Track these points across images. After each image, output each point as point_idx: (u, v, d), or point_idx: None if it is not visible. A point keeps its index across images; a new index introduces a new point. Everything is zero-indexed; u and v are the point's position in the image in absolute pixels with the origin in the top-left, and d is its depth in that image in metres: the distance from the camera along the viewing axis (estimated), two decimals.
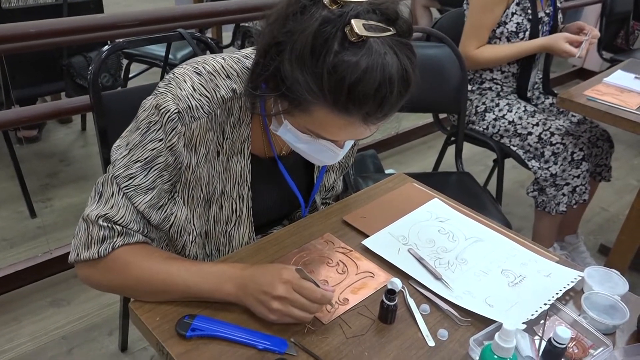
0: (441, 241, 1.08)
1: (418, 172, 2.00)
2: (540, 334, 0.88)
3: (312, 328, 0.86)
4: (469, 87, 2.09)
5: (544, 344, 0.82)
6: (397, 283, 0.91)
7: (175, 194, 0.94)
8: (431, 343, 0.85)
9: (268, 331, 0.84)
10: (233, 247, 1.05)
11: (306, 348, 0.82)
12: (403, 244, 1.06)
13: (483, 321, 0.89)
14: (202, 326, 0.83)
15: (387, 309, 0.87)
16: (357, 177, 1.85)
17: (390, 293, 0.86)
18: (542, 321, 0.90)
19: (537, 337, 0.87)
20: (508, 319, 0.85)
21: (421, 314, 0.91)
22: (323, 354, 0.82)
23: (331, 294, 0.85)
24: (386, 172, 2.16)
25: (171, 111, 0.86)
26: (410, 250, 1.04)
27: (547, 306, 0.92)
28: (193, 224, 0.98)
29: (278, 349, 0.81)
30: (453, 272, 1.00)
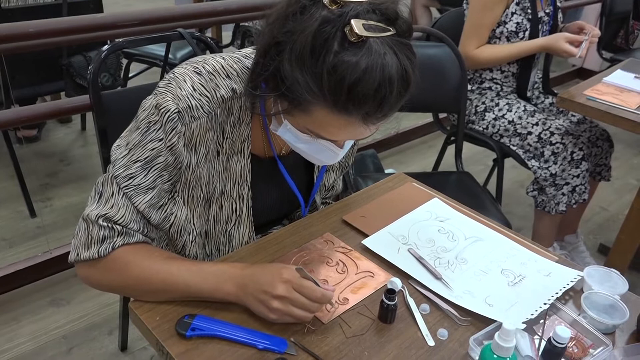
0: (441, 241, 1.08)
1: (418, 172, 2.00)
2: (540, 334, 0.88)
3: (312, 328, 0.86)
4: (469, 87, 2.09)
5: (544, 344, 0.82)
6: (397, 283, 0.91)
7: (175, 194, 0.94)
8: (431, 343, 0.86)
9: (268, 331, 0.84)
10: (233, 247, 1.05)
11: (306, 348, 0.82)
12: (403, 244, 1.06)
13: (483, 321, 0.89)
14: (202, 326, 0.83)
15: (387, 309, 0.87)
16: (357, 177, 1.85)
17: (390, 292, 0.86)
18: (542, 321, 0.90)
19: (537, 337, 0.87)
20: (508, 319, 0.85)
21: (421, 314, 0.91)
22: (323, 354, 0.82)
23: (331, 294, 0.85)
24: (386, 172, 2.17)
25: (171, 111, 0.86)
26: (410, 249, 1.04)
27: (547, 306, 0.92)
28: (193, 224, 0.98)
29: (278, 349, 0.81)
30: (453, 272, 1.00)
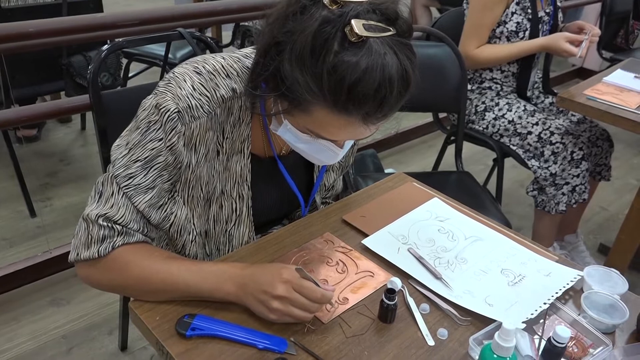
0: (441, 240, 1.08)
1: (418, 172, 2.00)
2: (539, 333, 0.88)
3: (312, 327, 0.86)
4: (469, 87, 2.09)
5: (544, 343, 0.82)
6: (397, 282, 0.91)
7: (175, 194, 0.94)
8: (431, 342, 0.86)
9: (268, 330, 0.84)
10: (233, 247, 1.05)
11: (306, 347, 0.82)
12: (403, 244, 1.06)
13: (483, 320, 0.89)
14: (202, 325, 0.83)
15: (387, 308, 0.87)
16: (357, 177, 1.85)
17: (390, 292, 0.86)
18: (542, 320, 0.90)
19: (537, 337, 0.87)
20: (508, 318, 0.85)
21: (421, 313, 0.91)
22: (323, 354, 0.82)
23: (331, 294, 0.85)
24: (386, 172, 2.16)
25: (171, 110, 0.86)
26: (410, 249, 1.04)
27: (547, 305, 0.92)
28: (193, 224, 0.98)
29: (278, 349, 0.81)
30: (453, 272, 1.00)
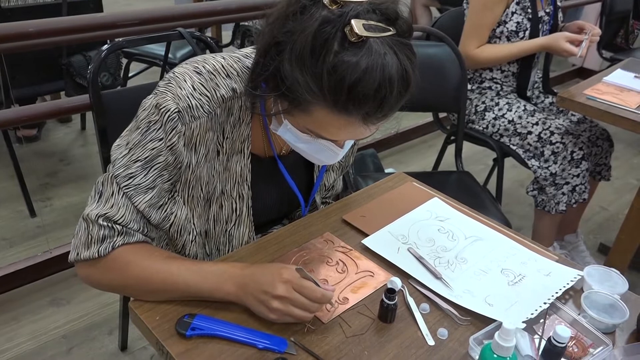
0: (441, 240, 1.08)
1: (418, 171, 2.00)
2: (540, 333, 0.88)
3: (312, 327, 0.86)
4: (469, 86, 2.09)
5: (544, 343, 0.82)
6: (397, 282, 0.91)
7: (175, 194, 0.94)
8: (431, 342, 0.86)
9: (268, 330, 0.84)
10: (233, 247, 1.05)
11: (306, 347, 0.82)
12: (403, 243, 1.06)
13: (483, 320, 0.89)
14: (202, 325, 0.83)
15: (387, 308, 0.87)
16: (357, 177, 1.85)
17: (390, 292, 0.86)
18: (542, 320, 0.90)
19: (537, 336, 0.87)
20: (508, 318, 0.85)
21: (421, 313, 0.91)
22: (323, 353, 0.82)
23: (331, 293, 0.85)
24: (386, 171, 2.17)
25: (171, 110, 0.86)
26: (410, 249, 1.04)
27: (547, 305, 0.92)
28: (193, 224, 0.98)
29: (278, 348, 0.81)
30: (453, 271, 1.00)
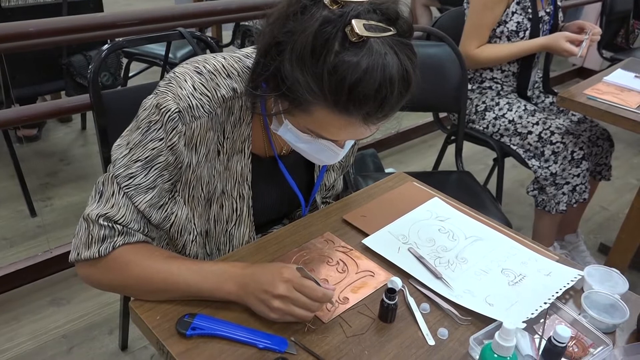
0: (441, 240, 1.08)
1: (418, 171, 2.00)
2: (540, 333, 0.88)
3: (312, 327, 0.86)
4: (469, 86, 2.09)
5: (544, 343, 0.82)
6: (397, 282, 0.91)
7: (175, 194, 0.94)
8: (431, 342, 0.86)
9: (268, 330, 0.84)
10: (233, 246, 1.05)
11: (306, 347, 0.82)
12: (403, 243, 1.06)
13: (483, 320, 0.89)
14: (203, 325, 0.83)
15: (387, 308, 0.87)
16: (357, 176, 1.85)
17: (390, 292, 0.86)
18: (542, 320, 0.90)
19: (537, 336, 0.88)
20: (508, 318, 0.85)
21: (421, 313, 0.91)
22: (323, 353, 0.82)
23: (332, 292, 0.85)
24: (386, 171, 2.17)
25: (172, 110, 0.86)
26: (410, 249, 1.05)
27: (547, 305, 0.92)
28: (193, 223, 0.98)
29: (278, 348, 0.81)
30: (453, 271, 1.00)
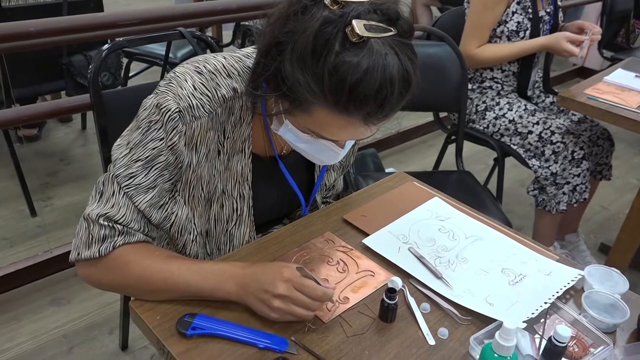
0: (441, 240, 1.08)
1: (418, 171, 2.00)
2: (540, 333, 0.88)
3: (313, 327, 0.86)
4: (469, 86, 2.09)
5: (545, 343, 0.82)
6: (398, 282, 0.91)
7: (176, 193, 0.94)
8: (431, 342, 0.86)
9: (269, 330, 0.84)
10: (234, 246, 1.05)
11: (306, 347, 0.82)
12: (403, 243, 1.06)
13: (483, 320, 0.89)
14: (203, 325, 0.83)
15: (388, 308, 0.87)
16: (358, 176, 1.85)
17: (390, 292, 0.86)
18: (543, 320, 0.90)
19: (538, 336, 0.88)
20: (508, 318, 0.84)
21: (421, 313, 0.91)
22: (323, 353, 0.82)
23: (332, 292, 0.85)
24: (386, 171, 2.17)
25: (172, 110, 0.86)
26: (410, 249, 1.05)
27: (548, 305, 0.92)
28: (194, 223, 0.98)
29: (278, 348, 0.81)
30: (453, 271, 1.00)
